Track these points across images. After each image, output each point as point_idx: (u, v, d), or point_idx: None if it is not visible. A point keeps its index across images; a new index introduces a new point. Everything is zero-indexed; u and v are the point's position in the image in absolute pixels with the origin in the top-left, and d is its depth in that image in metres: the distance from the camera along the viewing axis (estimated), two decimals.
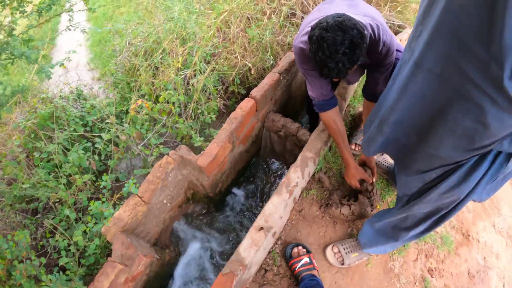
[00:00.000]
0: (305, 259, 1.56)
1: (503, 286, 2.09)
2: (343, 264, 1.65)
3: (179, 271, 1.99)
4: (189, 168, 1.79)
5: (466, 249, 2.03)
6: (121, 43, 2.35)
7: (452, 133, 0.97)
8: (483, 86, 0.79)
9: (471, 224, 2.15)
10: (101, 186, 1.88)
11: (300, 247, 1.61)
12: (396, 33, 2.30)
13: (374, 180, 1.70)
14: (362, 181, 1.70)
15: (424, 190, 1.21)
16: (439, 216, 1.26)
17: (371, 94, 1.54)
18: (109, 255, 1.77)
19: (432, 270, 1.88)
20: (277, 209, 1.53)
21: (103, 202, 1.83)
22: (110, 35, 2.54)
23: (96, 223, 1.81)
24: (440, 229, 2.01)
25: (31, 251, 1.61)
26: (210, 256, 1.98)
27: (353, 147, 1.91)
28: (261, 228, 1.50)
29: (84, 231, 1.84)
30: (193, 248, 1.98)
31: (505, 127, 0.83)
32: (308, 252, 1.61)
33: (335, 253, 1.67)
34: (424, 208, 1.25)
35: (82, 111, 2.27)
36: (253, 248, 1.46)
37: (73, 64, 2.91)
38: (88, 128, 2.26)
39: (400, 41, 2.21)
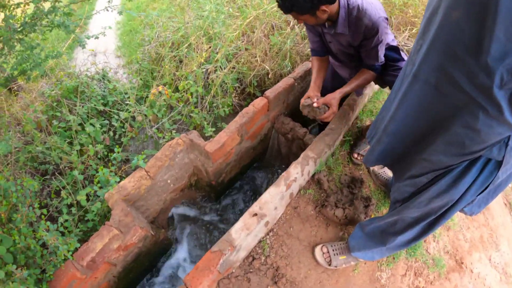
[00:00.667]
0: None
1: None
2: (330, 264, 1.77)
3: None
4: (196, 152, 1.98)
5: (457, 276, 2.12)
6: (151, 34, 2.63)
7: (444, 139, 1.09)
8: (473, 94, 0.90)
9: (466, 253, 2.24)
10: (112, 157, 2.07)
11: None
12: None
13: (324, 112, 1.75)
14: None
15: (415, 194, 1.34)
16: (428, 223, 1.36)
17: (365, 65, 1.76)
18: None
19: None
20: (273, 199, 1.68)
21: (111, 171, 2.03)
22: (140, 26, 2.83)
23: (101, 187, 1.99)
24: (433, 251, 2.11)
25: (35, 200, 1.78)
26: (203, 243, 2.14)
27: (355, 155, 2.07)
28: (255, 214, 1.65)
29: (88, 196, 2.02)
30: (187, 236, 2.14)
31: (495, 134, 0.94)
32: None
33: (323, 253, 1.79)
34: (413, 212, 1.36)
35: (104, 91, 2.52)
36: (244, 232, 1.61)
37: (101, 50, 3.22)
38: (108, 108, 2.50)
39: None
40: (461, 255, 2.20)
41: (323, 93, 2.13)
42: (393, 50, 1.74)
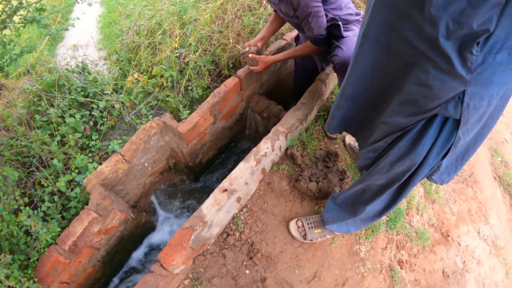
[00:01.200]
0: None
1: None
2: (305, 238, 1.78)
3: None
4: (170, 134, 2.01)
5: (443, 249, 2.11)
6: (128, 23, 2.68)
7: (399, 99, 1.08)
8: (422, 48, 0.90)
9: (453, 226, 2.22)
10: (90, 145, 2.13)
11: None
12: None
13: (252, 65, 1.97)
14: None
15: (377, 160, 1.35)
16: (395, 190, 1.35)
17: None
18: None
19: (402, 262, 1.97)
20: (243, 174, 1.71)
21: (89, 157, 2.08)
22: (120, 17, 2.89)
23: (79, 172, 2.04)
24: (416, 224, 2.10)
25: (17, 189, 1.85)
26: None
27: None
28: (225, 190, 1.68)
29: (70, 184, 2.08)
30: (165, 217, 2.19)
31: (448, 89, 0.92)
32: None
33: (298, 227, 1.81)
34: (378, 179, 1.35)
35: (84, 83, 2.57)
36: (215, 207, 1.63)
37: (82, 44, 3.28)
38: (88, 99, 2.56)
39: None
40: (447, 228, 2.19)
41: (297, 70, 2.20)
42: (335, 26, 1.75)
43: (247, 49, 1.95)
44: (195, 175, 2.24)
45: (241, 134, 2.41)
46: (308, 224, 1.80)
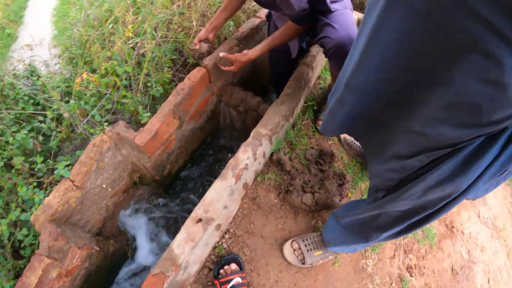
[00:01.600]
0: (236, 279, 1.10)
1: (488, 282, 1.65)
2: (304, 263, 1.20)
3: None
4: (127, 147, 1.34)
5: (449, 242, 1.58)
6: (78, 15, 1.89)
7: (443, 99, 0.53)
8: (496, 23, 0.40)
9: (455, 214, 1.69)
10: (36, 169, 1.44)
11: (230, 265, 1.15)
12: None
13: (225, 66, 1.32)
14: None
15: (404, 182, 0.75)
16: (421, 217, 0.78)
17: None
18: None
19: (411, 267, 1.43)
20: (220, 197, 1.08)
21: (34, 187, 1.40)
22: (72, 8, 2.09)
23: (24, 210, 1.38)
24: None
25: None
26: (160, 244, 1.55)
27: (320, 122, 1.44)
28: (199, 220, 1.05)
29: (16, 220, 1.42)
30: (141, 238, 1.54)
31: None
32: (241, 269, 1.15)
33: (294, 249, 1.21)
34: (401, 206, 0.78)
35: (33, 89, 1.81)
36: (189, 244, 1.02)
37: (37, 42, 2.46)
38: (40, 107, 1.81)
39: None
40: (451, 218, 1.66)
41: (271, 54, 1.55)
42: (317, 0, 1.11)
43: (197, 47, 1.33)
44: (165, 189, 1.58)
45: (215, 132, 1.72)
46: (306, 245, 1.21)
